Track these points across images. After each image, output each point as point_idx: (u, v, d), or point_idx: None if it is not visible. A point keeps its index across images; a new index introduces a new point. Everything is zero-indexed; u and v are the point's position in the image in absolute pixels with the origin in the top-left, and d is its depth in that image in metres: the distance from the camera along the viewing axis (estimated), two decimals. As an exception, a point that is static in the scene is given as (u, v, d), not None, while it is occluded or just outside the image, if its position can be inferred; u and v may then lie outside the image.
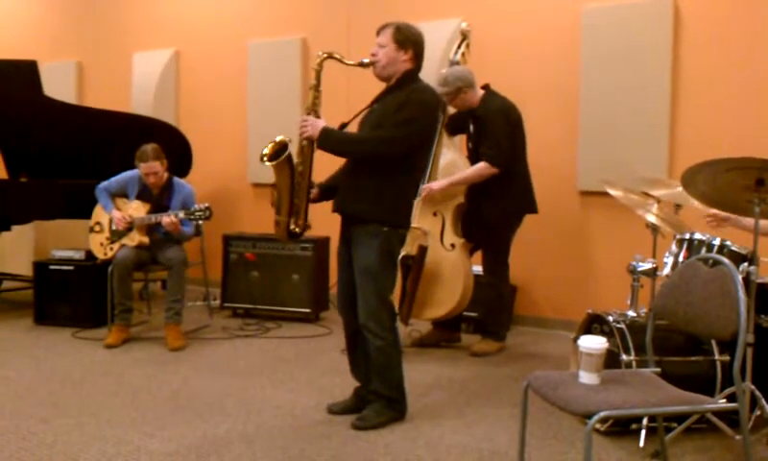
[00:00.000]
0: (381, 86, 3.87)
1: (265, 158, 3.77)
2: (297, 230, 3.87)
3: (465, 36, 5.45)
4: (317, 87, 3.82)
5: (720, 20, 5.30)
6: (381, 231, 3.70)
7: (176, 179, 5.71)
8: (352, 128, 3.93)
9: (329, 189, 3.93)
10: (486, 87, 5.19)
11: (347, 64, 3.85)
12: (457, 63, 5.34)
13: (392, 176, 3.71)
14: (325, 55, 3.83)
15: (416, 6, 6.50)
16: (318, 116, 3.79)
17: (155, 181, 5.52)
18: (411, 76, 3.78)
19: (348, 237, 3.85)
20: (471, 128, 5.20)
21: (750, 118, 5.19)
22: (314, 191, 3.89)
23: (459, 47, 5.42)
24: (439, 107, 3.83)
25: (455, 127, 5.32)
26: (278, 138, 3.81)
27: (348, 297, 3.88)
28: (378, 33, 3.80)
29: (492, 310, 5.31)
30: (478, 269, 5.30)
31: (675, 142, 5.46)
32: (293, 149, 3.81)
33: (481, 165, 5.01)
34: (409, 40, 3.75)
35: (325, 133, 3.73)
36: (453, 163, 5.14)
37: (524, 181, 5.20)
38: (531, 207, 5.24)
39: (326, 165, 3.97)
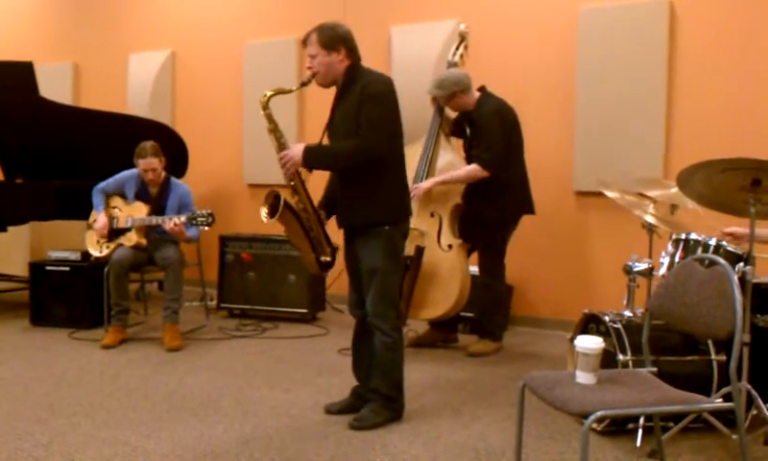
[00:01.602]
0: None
1: (266, 218, 3.77)
2: (327, 258, 3.91)
3: (463, 37, 5.46)
4: (276, 129, 3.81)
5: (715, 22, 5.31)
6: (383, 231, 3.71)
7: (173, 178, 5.71)
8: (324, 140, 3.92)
9: (331, 201, 3.94)
10: (482, 89, 5.20)
11: (292, 91, 3.85)
12: (455, 65, 5.35)
13: (378, 175, 3.70)
14: (269, 94, 3.81)
15: (411, 7, 6.51)
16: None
17: (153, 177, 5.52)
18: (354, 71, 3.75)
19: (352, 241, 3.86)
20: (468, 130, 5.20)
21: (745, 119, 5.20)
22: (322, 214, 3.91)
23: (457, 49, 5.43)
24: (395, 90, 3.79)
25: (454, 130, 5.32)
26: (266, 193, 3.81)
27: (358, 295, 3.90)
28: (305, 45, 3.77)
29: (489, 311, 5.31)
30: (475, 269, 5.30)
31: (671, 143, 5.47)
32: (283, 192, 3.80)
33: (473, 167, 5.01)
34: (336, 39, 3.71)
35: (307, 153, 3.72)
36: (451, 164, 5.14)
37: (522, 182, 5.21)
38: (528, 208, 5.24)
39: (317, 179, 3.96)
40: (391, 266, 3.77)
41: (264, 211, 3.80)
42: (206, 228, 5.34)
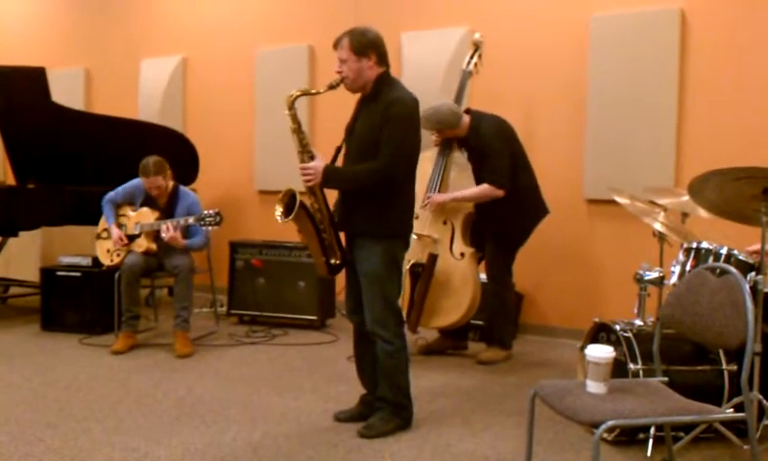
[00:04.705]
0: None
1: (281, 217, 3.76)
2: (337, 262, 3.87)
3: (477, 46, 5.46)
4: (299, 129, 3.80)
5: (727, 28, 5.30)
6: (382, 240, 3.71)
7: (181, 187, 5.72)
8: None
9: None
10: (468, 112, 5.16)
11: (318, 93, 3.85)
12: (470, 74, 5.37)
13: (384, 191, 3.70)
14: (296, 94, 3.82)
15: (423, 13, 6.52)
16: (312, 157, 3.77)
17: (158, 194, 5.54)
18: (383, 80, 3.75)
19: (351, 245, 3.86)
20: (466, 156, 5.19)
21: (757, 127, 5.18)
22: (336, 218, 3.89)
23: (471, 58, 5.43)
24: (418, 111, 3.81)
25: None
26: (283, 191, 3.80)
27: (356, 301, 3.88)
28: (335, 48, 3.77)
29: (498, 318, 5.30)
30: (483, 277, 5.29)
31: (682, 151, 5.45)
32: (299, 192, 3.80)
33: (485, 187, 4.99)
34: (368, 45, 3.71)
35: (327, 175, 3.73)
36: (464, 175, 5.11)
37: (532, 190, 5.20)
38: (543, 212, 5.24)
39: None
40: (389, 274, 3.76)
41: (279, 210, 3.78)
42: (216, 227, 5.33)
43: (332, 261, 3.87)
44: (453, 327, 5.21)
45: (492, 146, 5.02)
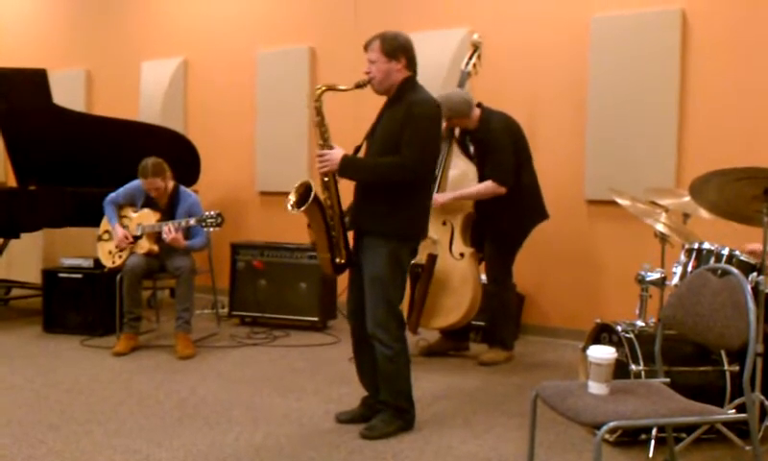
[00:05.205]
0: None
1: (293, 207, 3.76)
2: (341, 261, 3.86)
3: (476, 47, 5.47)
4: (322, 122, 3.81)
5: (728, 29, 5.30)
6: (390, 242, 3.71)
7: (182, 188, 5.72)
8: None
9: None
10: (480, 106, 5.17)
11: (344, 90, 3.85)
12: (468, 75, 5.37)
13: (402, 191, 3.70)
14: (323, 88, 3.82)
15: (423, 15, 6.52)
16: (331, 147, 3.78)
17: (157, 195, 5.54)
18: (409, 84, 3.77)
19: (360, 245, 3.86)
20: (472, 149, 5.19)
21: (758, 127, 5.18)
22: (347, 219, 3.89)
23: (470, 58, 5.43)
24: (441, 115, 3.83)
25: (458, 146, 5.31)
26: (299, 182, 3.80)
27: (357, 304, 3.88)
28: (366, 49, 3.79)
29: (498, 319, 5.30)
30: (484, 278, 5.29)
31: (683, 151, 5.45)
32: (315, 185, 3.79)
33: (489, 184, 5.01)
34: (398, 49, 3.74)
35: (345, 162, 3.73)
36: (464, 174, 5.12)
37: (534, 191, 5.20)
38: (541, 216, 5.24)
39: (346, 185, 3.95)
40: (393, 277, 3.75)
41: (292, 200, 3.78)
42: (217, 228, 5.33)
43: (337, 260, 3.86)
44: (454, 327, 5.21)
45: (498, 141, 5.03)
